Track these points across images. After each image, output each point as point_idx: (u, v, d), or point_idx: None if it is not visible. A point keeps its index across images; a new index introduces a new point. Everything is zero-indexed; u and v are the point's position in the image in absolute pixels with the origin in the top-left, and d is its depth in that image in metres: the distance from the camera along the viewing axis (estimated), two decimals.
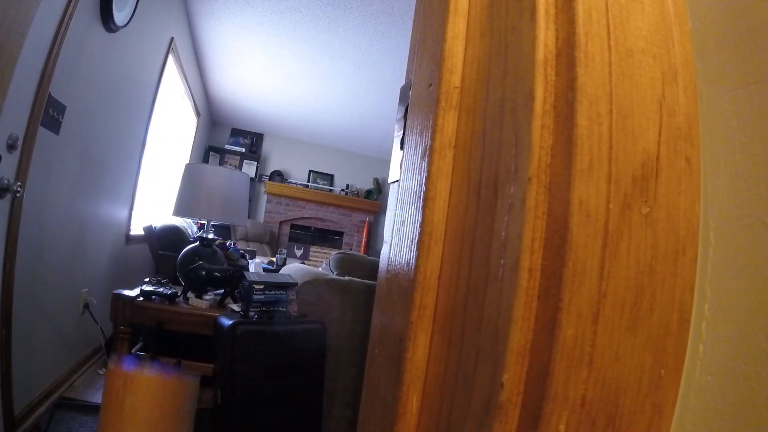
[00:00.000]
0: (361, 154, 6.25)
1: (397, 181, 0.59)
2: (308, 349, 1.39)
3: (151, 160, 2.93)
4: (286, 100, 4.61)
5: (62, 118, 1.53)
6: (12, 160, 1.25)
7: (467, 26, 0.50)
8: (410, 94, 0.59)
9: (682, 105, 0.36)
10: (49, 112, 1.41)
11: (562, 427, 0.31)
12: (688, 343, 0.34)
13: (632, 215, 0.33)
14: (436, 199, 0.47)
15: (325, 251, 5.93)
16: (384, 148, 5.69)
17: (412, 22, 0.66)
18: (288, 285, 1.48)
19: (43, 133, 1.40)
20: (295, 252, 5.82)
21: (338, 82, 3.89)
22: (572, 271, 0.32)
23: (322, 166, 6.16)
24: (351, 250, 6.10)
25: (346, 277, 1.66)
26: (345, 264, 1.78)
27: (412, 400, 0.46)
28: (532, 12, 0.38)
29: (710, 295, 0.34)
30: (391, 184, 0.63)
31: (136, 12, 1.98)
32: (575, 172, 0.33)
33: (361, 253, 3.54)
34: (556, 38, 0.37)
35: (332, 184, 6.16)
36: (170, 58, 2.85)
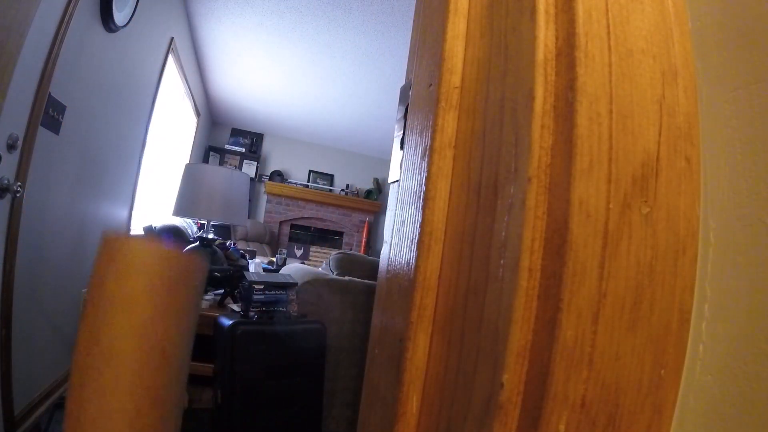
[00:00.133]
0: (361, 154, 6.25)
1: (397, 181, 0.59)
2: (308, 349, 1.39)
3: (151, 160, 2.92)
4: (286, 100, 4.61)
5: (62, 118, 1.53)
6: (12, 160, 1.25)
7: (467, 26, 0.50)
8: (410, 94, 0.59)
9: (682, 105, 0.36)
10: (49, 112, 1.41)
11: (562, 427, 0.31)
12: (688, 343, 0.34)
13: (632, 215, 0.33)
14: (436, 199, 0.47)
15: (325, 251, 5.93)
16: (384, 148, 5.69)
17: (412, 22, 0.66)
18: (288, 285, 1.48)
19: (43, 133, 1.40)
20: (295, 252, 5.82)
21: (338, 82, 3.89)
22: (572, 271, 0.32)
23: (322, 166, 6.16)
24: (351, 250, 6.10)
25: (346, 277, 1.66)
26: (345, 264, 1.78)
27: (412, 400, 0.46)
28: (532, 12, 0.38)
29: (710, 295, 0.34)
30: (391, 184, 0.63)
31: (136, 12, 1.98)
32: (575, 172, 0.33)
33: (361, 253, 3.54)
34: (556, 38, 0.37)
35: (332, 184, 6.16)
36: (170, 58, 2.85)
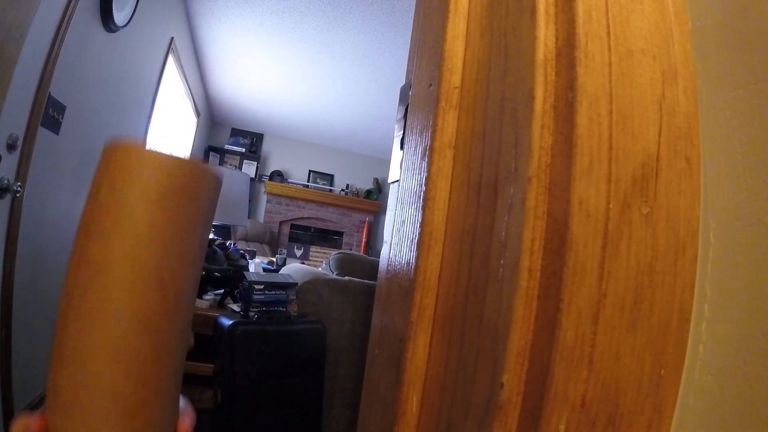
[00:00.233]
0: (361, 154, 6.25)
1: (397, 181, 0.59)
2: (308, 349, 1.39)
3: None
4: (286, 100, 4.61)
5: (62, 118, 1.53)
6: (12, 160, 1.25)
7: (467, 26, 0.50)
8: (410, 94, 0.59)
9: (682, 105, 0.36)
10: (49, 112, 1.41)
11: (562, 427, 0.31)
12: (688, 343, 0.34)
13: (632, 215, 0.33)
14: (436, 199, 0.47)
15: (325, 251, 5.93)
16: (384, 148, 5.69)
17: (412, 22, 0.66)
18: (288, 285, 1.48)
19: (43, 133, 1.40)
20: (295, 252, 5.82)
21: (338, 82, 3.89)
22: (572, 271, 0.32)
23: (322, 166, 6.16)
24: (351, 250, 6.10)
25: (346, 277, 1.66)
26: (345, 264, 1.78)
27: (412, 400, 0.46)
28: (532, 12, 0.38)
29: (710, 295, 0.34)
30: (391, 184, 0.63)
31: (136, 12, 1.98)
32: (575, 172, 0.33)
33: (361, 253, 3.54)
34: (556, 38, 0.37)
35: (332, 184, 6.16)
36: (170, 58, 2.85)
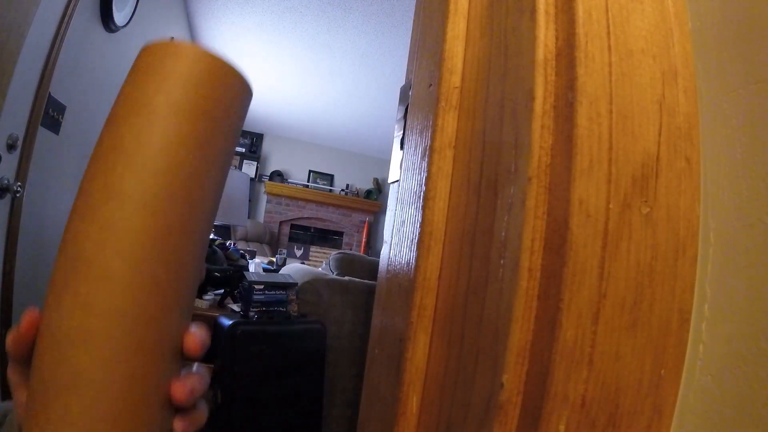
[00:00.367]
0: (361, 154, 6.24)
1: (397, 181, 0.59)
2: (308, 349, 1.39)
3: None
4: (286, 100, 4.61)
5: (62, 118, 1.53)
6: (12, 160, 1.25)
7: (467, 26, 0.50)
8: (410, 94, 0.59)
9: (682, 105, 0.36)
10: (49, 112, 1.41)
11: (562, 427, 0.31)
12: (688, 343, 0.34)
13: (632, 215, 0.33)
14: (436, 199, 0.47)
15: (325, 251, 5.93)
16: (384, 148, 5.68)
17: (412, 22, 0.66)
18: (288, 285, 1.48)
19: (43, 133, 1.40)
20: (295, 252, 5.82)
21: (338, 82, 3.89)
22: (572, 271, 0.32)
23: (322, 166, 6.16)
24: (351, 250, 6.10)
25: (346, 277, 1.66)
26: (345, 264, 1.78)
27: (412, 400, 0.46)
28: (532, 12, 0.38)
29: (710, 295, 0.34)
30: (391, 184, 0.63)
31: (136, 12, 1.98)
32: (575, 172, 0.33)
33: (361, 253, 3.54)
34: (556, 38, 0.37)
35: (332, 184, 6.16)
36: None
